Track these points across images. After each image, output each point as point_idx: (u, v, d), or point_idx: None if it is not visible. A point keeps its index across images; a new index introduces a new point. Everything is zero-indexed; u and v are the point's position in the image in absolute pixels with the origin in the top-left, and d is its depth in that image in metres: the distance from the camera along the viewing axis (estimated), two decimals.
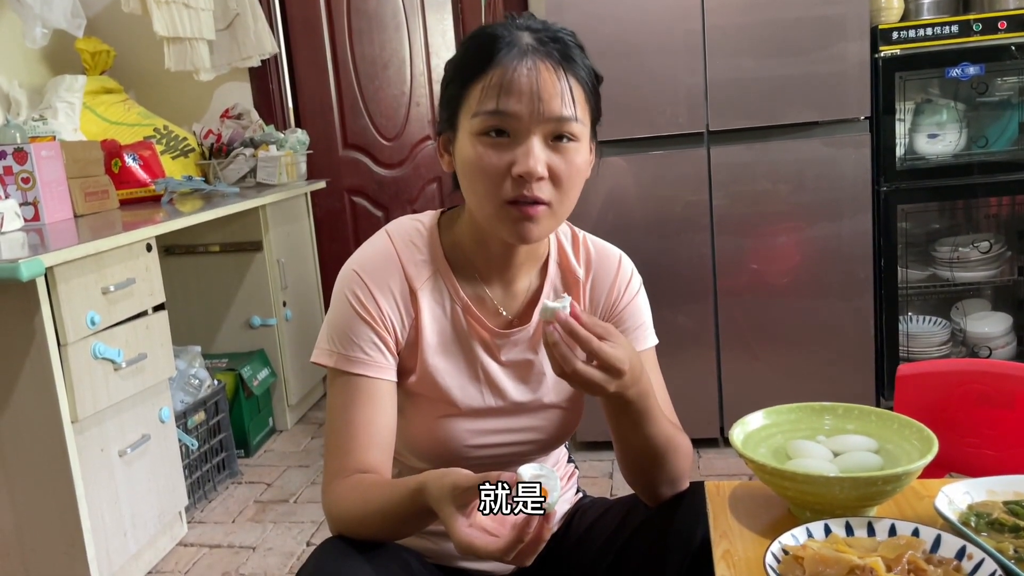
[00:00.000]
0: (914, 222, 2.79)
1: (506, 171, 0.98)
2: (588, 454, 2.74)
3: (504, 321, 1.13)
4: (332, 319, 1.09)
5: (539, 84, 0.97)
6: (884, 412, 1.03)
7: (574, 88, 0.99)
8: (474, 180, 1.01)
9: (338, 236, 3.74)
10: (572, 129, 0.99)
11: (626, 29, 2.54)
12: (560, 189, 1.00)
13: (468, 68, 1.01)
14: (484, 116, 0.98)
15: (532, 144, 0.97)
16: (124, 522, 2.10)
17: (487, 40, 1.00)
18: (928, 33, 2.53)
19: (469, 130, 1.00)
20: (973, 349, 2.76)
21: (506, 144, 0.98)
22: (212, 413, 2.69)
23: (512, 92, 0.96)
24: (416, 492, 0.92)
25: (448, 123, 1.05)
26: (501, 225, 1.01)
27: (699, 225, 2.63)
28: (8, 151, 2.32)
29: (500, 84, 0.97)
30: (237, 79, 3.54)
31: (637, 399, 0.98)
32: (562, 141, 0.99)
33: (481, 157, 0.99)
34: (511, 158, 0.98)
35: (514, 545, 0.83)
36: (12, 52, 2.97)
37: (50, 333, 1.85)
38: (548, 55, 0.98)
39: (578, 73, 1.00)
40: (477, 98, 0.99)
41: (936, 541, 0.82)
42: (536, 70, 0.97)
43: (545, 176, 0.98)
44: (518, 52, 0.98)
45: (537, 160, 0.97)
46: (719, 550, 0.89)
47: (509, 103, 0.96)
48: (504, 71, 0.97)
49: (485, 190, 1.00)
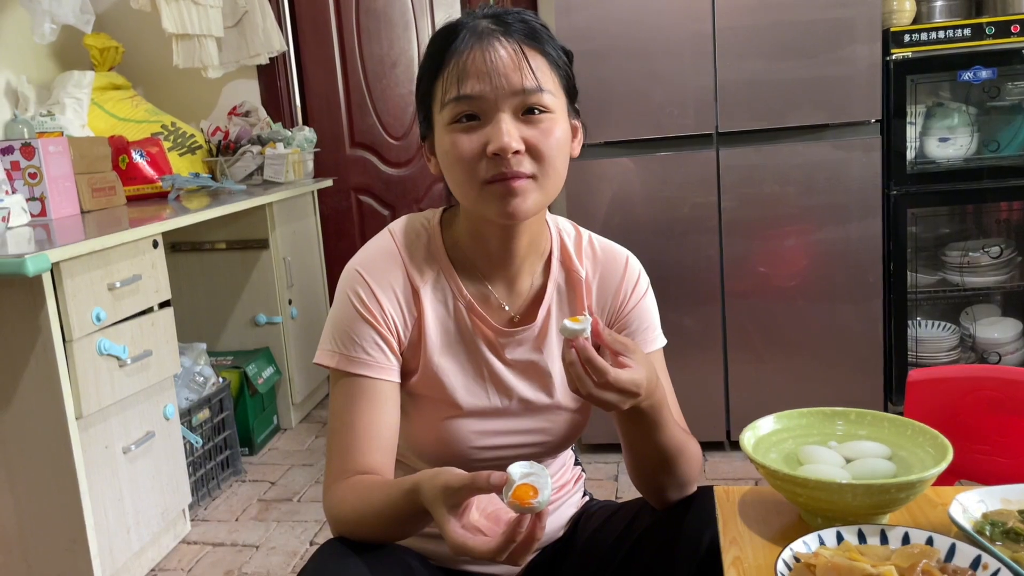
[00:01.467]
0: (924, 226, 2.78)
1: (481, 152, 0.97)
2: (594, 456, 2.73)
3: (508, 319, 1.12)
4: (334, 319, 1.08)
5: (496, 60, 0.97)
6: (897, 418, 1.01)
7: (535, 61, 0.99)
8: (453, 168, 1.00)
9: (345, 234, 3.74)
10: (541, 100, 0.98)
11: (636, 30, 2.53)
12: (541, 162, 0.99)
13: (430, 63, 1.02)
14: (451, 104, 0.98)
15: (501, 119, 0.97)
16: (127, 519, 2.09)
17: (446, 32, 1.02)
18: (940, 36, 2.52)
19: (442, 123, 1.01)
20: (982, 355, 2.75)
21: (477, 127, 0.98)
22: (217, 411, 2.68)
23: (471, 74, 0.97)
24: (411, 492, 0.91)
25: (426, 123, 1.06)
26: (487, 206, 1.00)
27: (707, 227, 2.62)
28: (16, 146, 2.32)
29: (458, 69, 0.98)
30: (245, 76, 3.54)
31: (650, 411, 0.98)
32: (534, 113, 0.98)
33: (455, 144, 0.98)
34: (484, 138, 0.97)
35: (506, 545, 0.82)
36: (21, 47, 2.97)
37: (55, 329, 1.84)
38: (506, 33, 0.99)
39: (541, 47, 1.00)
40: (441, 90, 1.00)
41: (951, 550, 0.81)
42: (492, 48, 0.98)
43: (522, 149, 0.97)
44: (474, 36, 0.99)
45: (509, 135, 0.96)
46: (729, 556, 0.87)
47: (470, 85, 0.97)
48: (460, 56, 0.98)
49: (464, 174, 0.99)
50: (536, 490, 0.82)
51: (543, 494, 0.81)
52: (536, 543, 0.83)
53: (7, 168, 2.30)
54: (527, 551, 0.83)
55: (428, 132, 1.06)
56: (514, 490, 0.82)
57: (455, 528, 0.85)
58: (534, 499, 0.81)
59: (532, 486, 0.82)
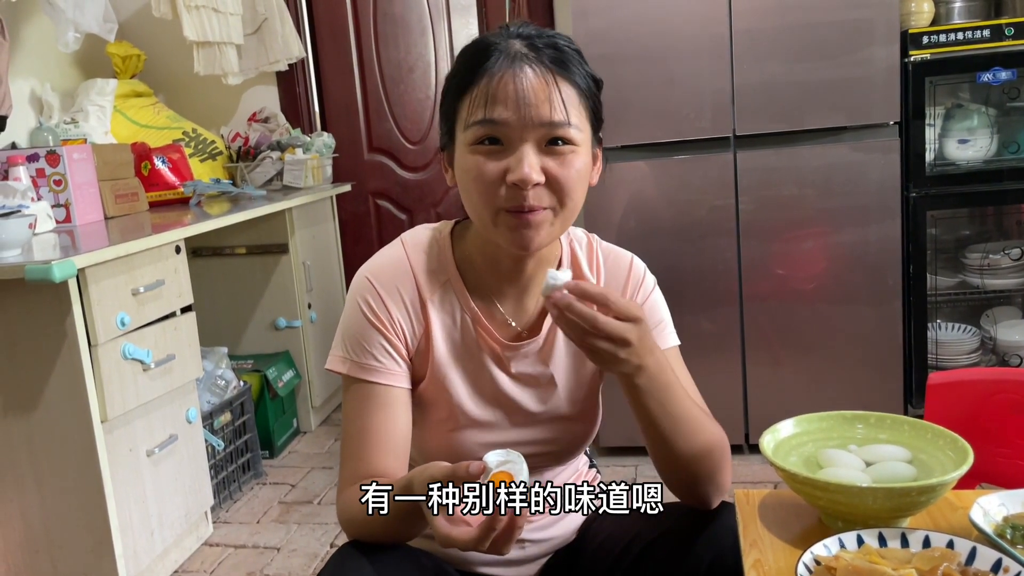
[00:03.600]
0: (944, 228, 2.76)
1: (500, 178, 0.97)
2: (611, 459, 2.74)
3: (514, 333, 1.12)
4: (345, 326, 1.09)
5: (527, 89, 0.96)
6: (917, 421, 1.02)
7: (565, 92, 0.97)
8: (470, 190, 1.00)
9: (363, 239, 3.76)
10: (566, 134, 0.98)
11: (652, 33, 2.54)
12: (560, 194, 0.99)
13: (459, 79, 1.01)
14: (476, 126, 0.97)
15: (525, 151, 0.96)
16: (151, 521, 2.12)
17: (478, 50, 1.00)
18: (959, 37, 2.51)
19: (464, 141, 1.00)
20: (1003, 357, 2.73)
21: (499, 152, 0.97)
22: (238, 414, 2.71)
23: (499, 99, 0.96)
24: (405, 489, 0.92)
25: (448, 136, 1.05)
26: (499, 234, 1.00)
27: (725, 230, 2.61)
28: (41, 154, 2.36)
29: (487, 92, 0.96)
30: (264, 83, 3.57)
31: (656, 371, 0.95)
32: (557, 145, 0.98)
33: (476, 166, 0.98)
34: (505, 165, 0.97)
35: (487, 533, 0.83)
36: (45, 56, 3.02)
37: (81, 334, 1.88)
38: (538, 60, 0.97)
39: (571, 78, 0.99)
40: (468, 109, 0.99)
41: (971, 553, 0.81)
42: (524, 75, 0.96)
43: (541, 182, 0.97)
44: (507, 59, 0.97)
45: (531, 167, 0.95)
46: (749, 559, 0.88)
47: (497, 111, 0.96)
48: (491, 79, 0.97)
49: (481, 199, 0.99)
50: (511, 476, 0.83)
51: (519, 476, 0.83)
52: (518, 530, 0.83)
53: (33, 175, 2.34)
54: (509, 540, 0.84)
55: (448, 145, 1.06)
56: (490, 477, 0.83)
57: (440, 520, 0.86)
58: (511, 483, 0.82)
59: (508, 473, 0.84)
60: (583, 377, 1.15)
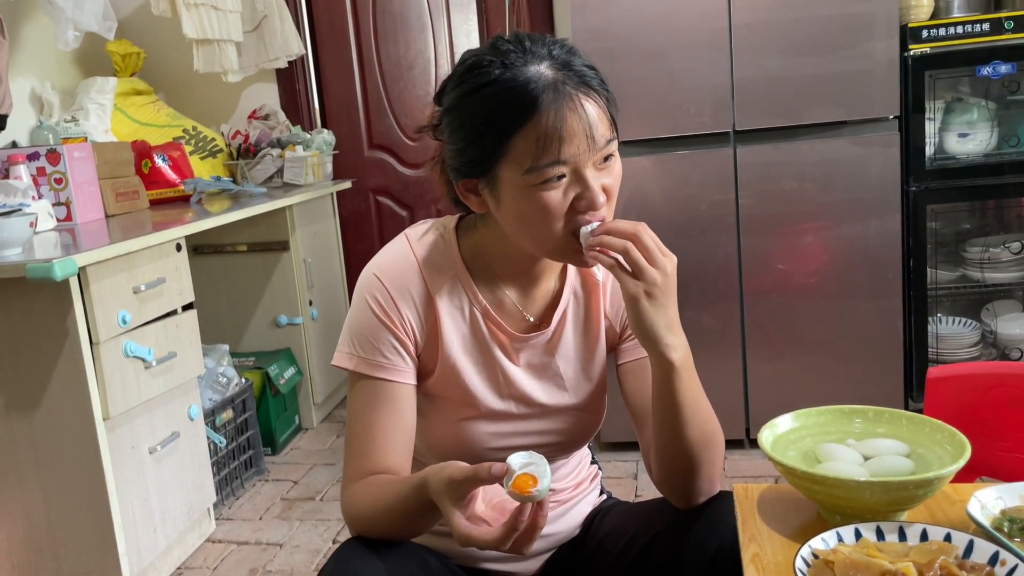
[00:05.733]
0: (944, 222, 2.76)
1: (569, 207, 0.99)
2: (612, 455, 2.74)
3: (524, 325, 1.13)
4: (352, 323, 1.10)
5: (586, 121, 0.96)
6: (915, 416, 1.02)
7: (603, 108, 0.99)
8: (535, 225, 1.00)
9: (363, 236, 3.76)
10: (613, 149, 1.01)
11: (651, 28, 2.53)
12: (611, 201, 1.03)
13: (503, 121, 0.96)
14: (544, 169, 0.96)
15: (590, 178, 0.98)
16: (154, 518, 2.12)
17: (514, 88, 0.96)
18: (959, 31, 2.50)
19: (522, 184, 0.97)
20: (1004, 351, 2.73)
21: (564, 184, 0.98)
22: (240, 411, 2.72)
23: (566, 138, 0.95)
24: (419, 487, 0.93)
25: (478, 169, 1.01)
26: (568, 257, 1.03)
27: (725, 225, 2.61)
28: (41, 152, 2.36)
29: (553, 133, 0.95)
30: (264, 80, 3.57)
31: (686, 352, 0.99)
32: (607, 162, 1.01)
33: (546, 205, 0.98)
34: (572, 195, 0.99)
35: (509, 534, 0.84)
36: (44, 54, 3.02)
37: (83, 332, 1.88)
38: (571, 84, 0.97)
39: (602, 91, 1.00)
40: (526, 151, 0.96)
41: (969, 546, 0.81)
42: (575, 108, 0.96)
43: (605, 201, 1.01)
44: (551, 94, 0.95)
45: (599, 192, 0.99)
46: (748, 553, 0.88)
47: (566, 151, 0.96)
48: (548, 117, 0.95)
49: (549, 231, 1.00)
50: (535, 479, 0.84)
51: (542, 483, 0.84)
52: (539, 531, 0.85)
53: (33, 174, 2.35)
54: (530, 540, 0.85)
55: (478, 175, 1.02)
56: (514, 480, 0.84)
57: (460, 520, 0.87)
58: (533, 488, 0.83)
59: (532, 475, 0.84)
60: (591, 369, 1.16)
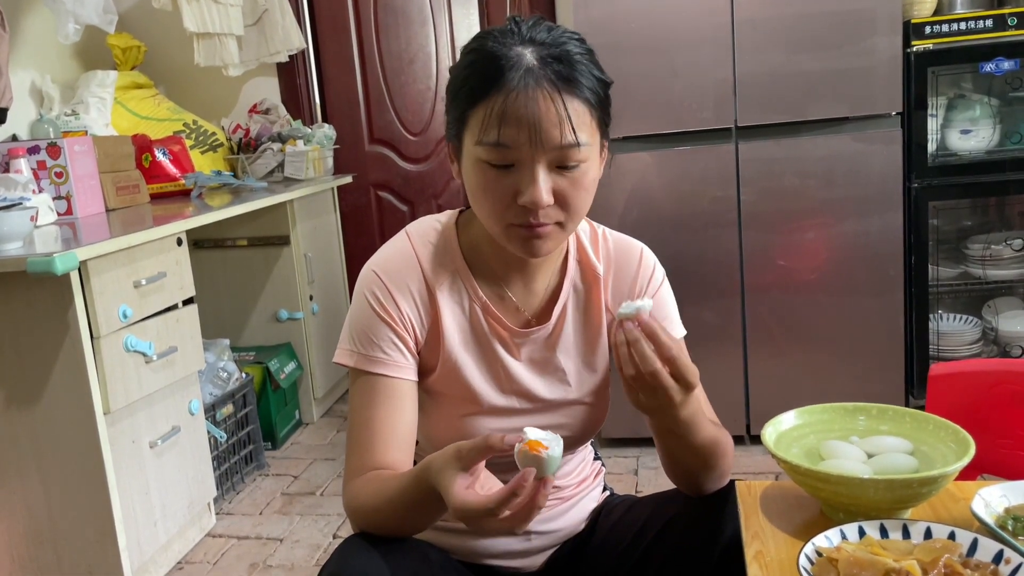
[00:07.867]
0: (945, 219, 2.76)
1: (511, 198, 0.97)
2: (614, 451, 2.74)
3: (524, 320, 1.13)
4: (353, 319, 1.10)
5: (538, 114, 0.93)
6: (919, 413, 1.02)
7: (575, 110, 0.95)
8: (480, 202, 1.01)
9: (364, 230, 3.76)
10: (576, 156, 0.96)
11: (654, 23, 2.53)
12: (568, 210, 0.99)
13: (469, 89, 0.97)
14: (486, 147, 0.96)
15: (536, 174, 0.95)
16: (154, 512, 2.12)
17: (489, 60, 0.96)
18: (961, 27, 2.49)
19: (474, 155, 0.98)
20: (1005, 348, 2.73)
21: (510, 171, 0.97)
22: (240, 406, 2.71)
23: (511, 123, 0.94)
24: (421, 471, 0.93)
25: (456, 137, 1.03)
26: (509, 243, 1.02)
27: (726, 221, 2.61)
28: (42, 146, 2.35)
29: (500, 114, 0.94)
30: (265, 74, 3.56)
31: (690, 416, 0.98)
32: (567, 167, 0.97)
33: (486, 184, 0.98)
34: (515, 186, 0.96)
35: (507, 498, 0.82)
36: (45, 48, 3.01)
37: (83, 326, 1.88)
38: (548, 79, 0.94)
39: (581, 93, 0.96)
40: (479, 125, 0.96)
41: (973, 544, 0.81)
42: (534, 99, 0.93)
43: (551, 203, 0.97)
44: (518, 77, 0.94)
45: (541, 191, 0.95)
46: (751, 551, 0.88)
47: (509, 134, 0.94)
48: (504, 99, 0.94)
49: (491, 213, 1.00)
50: (546, 447, 0.83)
51: (555, 450, 0.82)
52: (537, 511, 0.83)
53: (34, 167, 2.34)
54: (527, 517, 0.83)
55: (456, 142, 1.03)
56: (528, 440, 0.83)
57: (459, 488, 0.85)
58: (545, 451, 0.82)
59: (543, 443, 0.83)
60: (594, 363, 1.16)
